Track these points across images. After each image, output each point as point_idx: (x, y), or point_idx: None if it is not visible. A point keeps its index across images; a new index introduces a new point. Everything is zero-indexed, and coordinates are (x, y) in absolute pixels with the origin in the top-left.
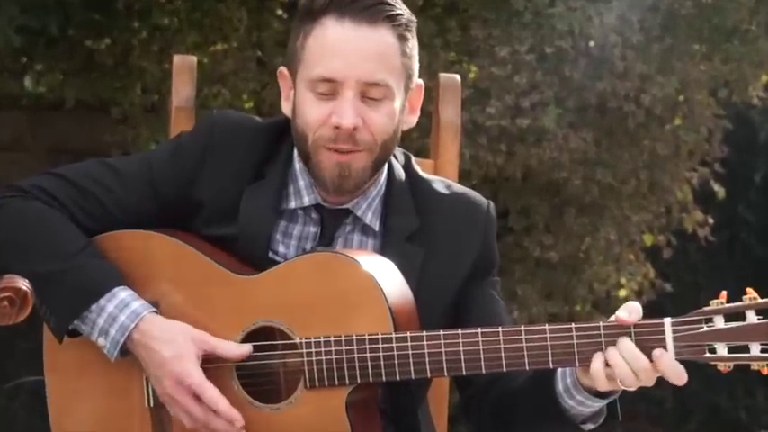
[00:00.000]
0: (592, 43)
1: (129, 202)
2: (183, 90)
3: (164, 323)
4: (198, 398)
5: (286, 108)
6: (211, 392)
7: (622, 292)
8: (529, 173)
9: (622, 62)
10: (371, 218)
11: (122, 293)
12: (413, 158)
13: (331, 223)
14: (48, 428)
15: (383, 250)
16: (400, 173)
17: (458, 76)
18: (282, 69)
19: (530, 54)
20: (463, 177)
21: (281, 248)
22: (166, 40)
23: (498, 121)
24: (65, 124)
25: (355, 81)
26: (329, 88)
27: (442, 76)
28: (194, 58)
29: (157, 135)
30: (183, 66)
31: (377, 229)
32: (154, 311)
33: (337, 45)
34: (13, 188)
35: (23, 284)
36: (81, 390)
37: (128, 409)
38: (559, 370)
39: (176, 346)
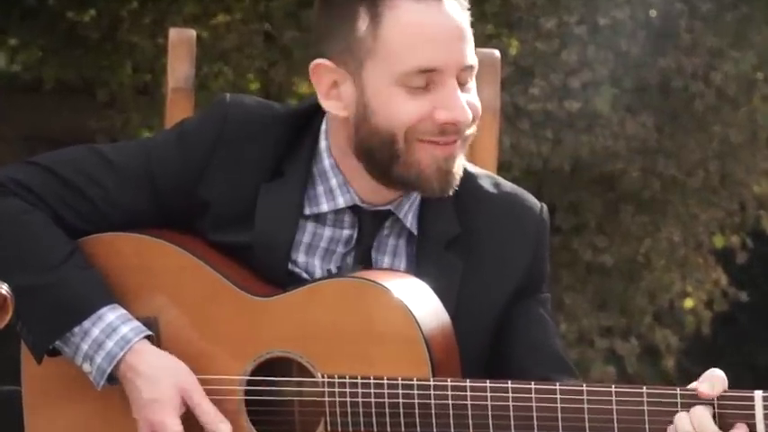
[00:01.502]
0: (653, 13)
1: (124, 200)
2: (179, 68)
3: (153, 357)
4: None
5: (329, 106)
6: None
7: (689, 303)
8: (578, 164)
9: (689, 34)
10: (411, 219)
11: (110, 315)
12: None
13: (369, 226)
14: None
15: (418, 259)
16: None
17: (496, 52)
18: (323, 62)
19: (580, 26)
20: (502, 169)
21: (302, 258)
22: (160, 11)
23: (543, 104)
24: (43, 108)
25: (455, 67)
26: (426, 79)
27: (479, 51)
28: (193, 32)
29: (150, 120)
30: (180, 41)
31: (416, 232)
32: (145, 337)
33: (428, 30)
34: None
35: (2, 289)
36: (62, 411)
37: (112, 429)
38: None
39: (158, 390)
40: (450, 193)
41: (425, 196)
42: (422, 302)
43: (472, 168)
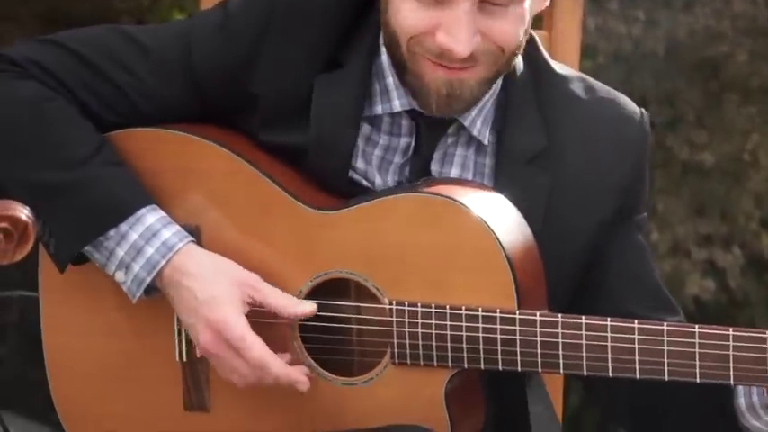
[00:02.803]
0: None
1: (158, 90)
2: None
3: (204, 257)
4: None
5: None
6: (258, 350)
7: None
8: (675, 48)
9: None
10: (481, 127)
11: (150, 218)
12: (538, 40)
13: (428, 133)
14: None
15: (496, 176)
16: (520, 63)
17: None
18: None
19: None
20: (586, 54)
21: (360, 164)
22: None
23: None
24: None
25: None
26: None
27: None
28: None
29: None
30: None
31: (486, 142)
32: (191, 242)
33: None
34: None
35: (23, 213)
36: (82, 323)
37: (148, 358)
38: None
39: (215, 288)
40: (456, 117)
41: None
42: (505, 222)
43: (562, 69)
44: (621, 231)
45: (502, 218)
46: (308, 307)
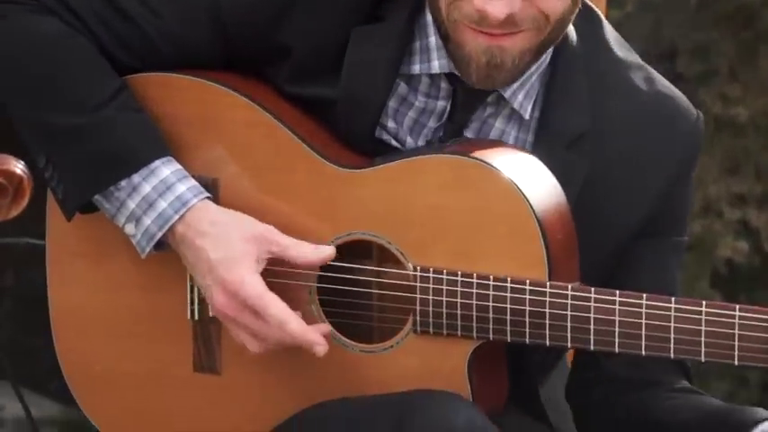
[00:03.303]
0: None
1: (182, 33)
2: None
3: (218, 214)
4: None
5: None
6: (276, 308)
7: None
8: None
9: None
10: (523, 101)
11: (165, 170)
12: (603, 17)
13: (466, 100)
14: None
15: (533, 151)
16: (573, 37)
17: None
18: None
19: None
20: (614, 3)
21: (392, 123)
22: None
23: None
24: None
25: None
26: None
27: None
28: None
29: None
30: None
31: (527, 117)
32: (207, 198)
33: None
34: None
35: (18, 168)
36: (92, 277)
37: (158, 315)
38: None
39: (229, 247)
40: (495, 88)
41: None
42: (540, 187)
43: (624, 53)
44: (654, 247)
45: (536, 183)
46: (328, 250)
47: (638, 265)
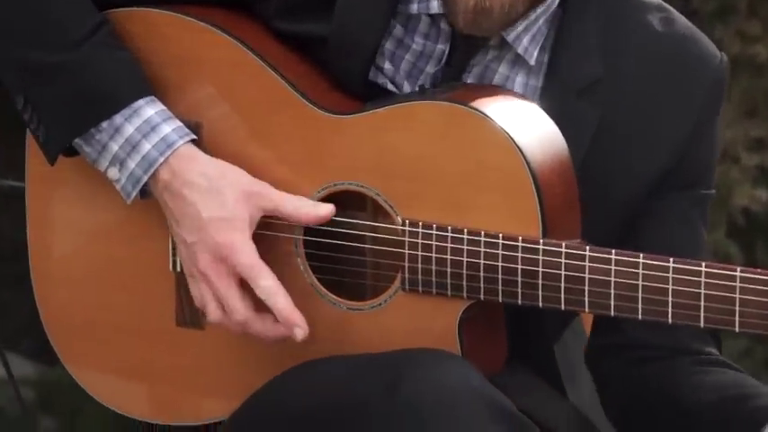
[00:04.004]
0: None
1: None
2: None
3: (207, 165)
4: (243, 285)
5: None
6: (268, 280)
7: None
8: None
9: None
10: (528, 45)
11: (148, 110)
12: None
13: (466, 44)
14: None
15: (540, 105)
16: None
17: None
18: None
19: None
20: None
21: (388, 65)
22: None
23: None
24: None
25: None
26: None
27: None
28: None
29: None
30: None
31: (533, 62)
32: (192, 141)
33: None
34: None
35: None
36: (73, 223)
37: (140, 266)
38: None
39: (223, 206)
40: (484, 35)
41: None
42: (537, 138)
43: None
44: (676, 202)
45: (534, 133)
46: (326, 209)
47: (658, 221)
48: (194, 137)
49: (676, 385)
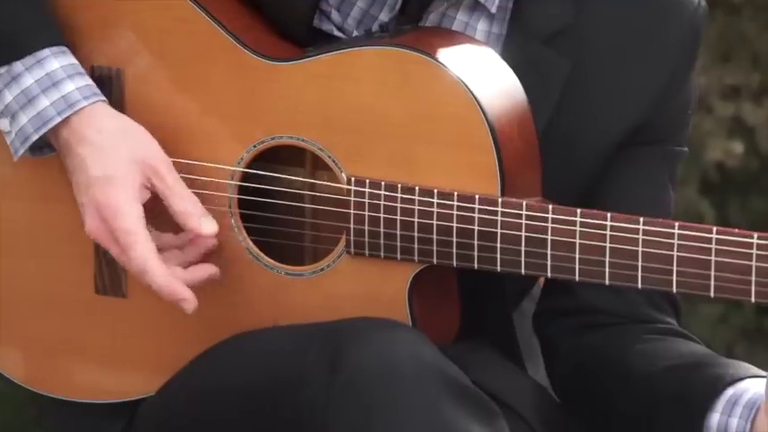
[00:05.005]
0: None
1: None
2: None
3: (108, 120)
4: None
5: None
6: (141, 250)
7: None
8: None
9: None
10: None
11: (54, 62)
12: None
13: None
14: None
15: (503, 51)
16: None
17: None
18: None
19: None
20: None
21: (336, 15)
22: None
23: None
24: None
25: None
26: None
27: None
28: None
29: None
30: None
31: (493, 9)
32: (100, 101)
33: None
34: None
35: None
36: None
37: (54, 228)
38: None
39: (111, 164)
40: None
41: None
42: (495, 87)
43: None
44: (645, 157)
45: (491, 81)
46: (211, 227)
47: (624, 179)
48: (103, 98)
49: (626, 353)
